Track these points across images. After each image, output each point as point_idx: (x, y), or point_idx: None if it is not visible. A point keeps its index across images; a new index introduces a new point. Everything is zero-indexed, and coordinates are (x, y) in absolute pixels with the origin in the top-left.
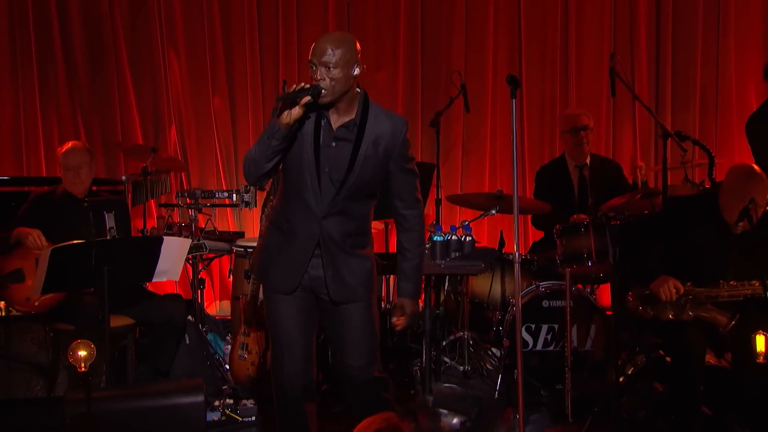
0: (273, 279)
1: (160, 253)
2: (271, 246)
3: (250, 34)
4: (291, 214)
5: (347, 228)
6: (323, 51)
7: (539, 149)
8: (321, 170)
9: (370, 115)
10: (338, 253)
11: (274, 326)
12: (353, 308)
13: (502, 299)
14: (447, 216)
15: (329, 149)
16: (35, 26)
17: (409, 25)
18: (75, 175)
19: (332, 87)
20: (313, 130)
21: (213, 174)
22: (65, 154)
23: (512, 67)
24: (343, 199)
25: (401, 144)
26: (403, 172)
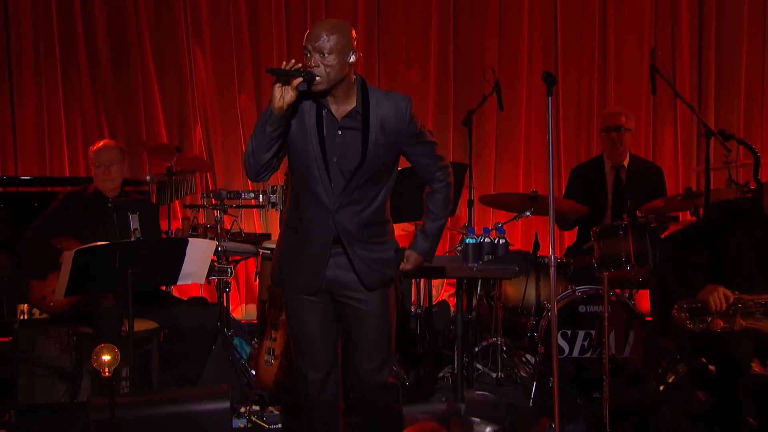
0: (293, 281)
1: (185, 255)
2: (288, 248)
3: (277, 30)
4: (303, 211)
5: (363, 217)
6: (317, 37)
7: (575, 149)
8: (328, 161)
9: (371, 100)
10: (357, 244)
11: (295, 331)
12: (369, 307)
13: (536, 304)
14: (480, 218)
15: (335, 138)
16: (59, 23)
17: (441, 20)
18: (105, 172)
19: (327, 74)
20: (316, 121)
21: (239, 174)
22: (97, 151)
23: (548, 64)
24: (354, 189)
25: (408, 123)
26: (419, 145)
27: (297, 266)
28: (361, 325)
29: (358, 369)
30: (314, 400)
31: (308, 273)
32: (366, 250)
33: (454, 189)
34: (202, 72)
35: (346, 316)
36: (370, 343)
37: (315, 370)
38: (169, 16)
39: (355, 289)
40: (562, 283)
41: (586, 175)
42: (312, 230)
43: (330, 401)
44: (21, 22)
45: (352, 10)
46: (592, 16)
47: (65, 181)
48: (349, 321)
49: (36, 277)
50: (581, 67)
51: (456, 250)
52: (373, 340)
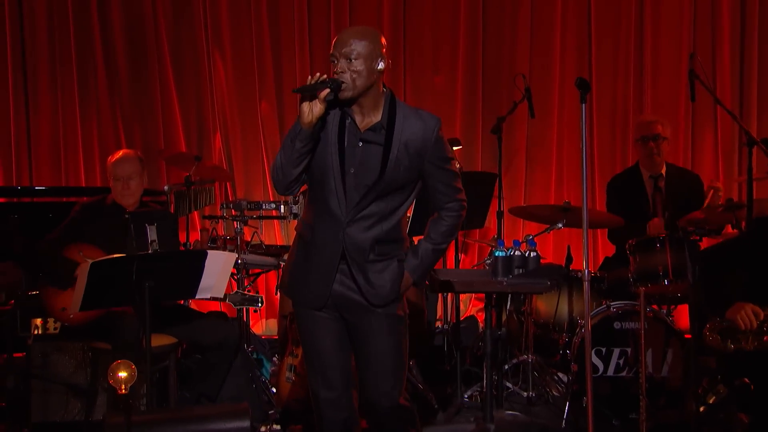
0: (301, 293)
1: (204, 268)
2: (297, 259)
3: (299, 34)
4: (315, 222)
5: (376, 233)
6: (345, 42)
7: (610, 158)
8: (346, 171)
9: (398, 116)
10: (361, 261)
11: (306, 347)
12: (376, 326)
13: (569, 320)
14: (509, 230)
15: (354, 150)
16: (75, 27)
17: (469, 24)
18: (124, 186)
19: (353, 81)
20: (338, 130)
21: (260, 184)
22: (115, 163)
23: (581, 69)
24: (368, 204)
25: (434, 143)
26: (440, 171)
27: (304, 279)
28: (369, 345)
29: (368, 390)
30: (327, 419)
31: (314, 287)
32: (369, 266)
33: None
34: (221, 77)
35: (354, 335)
36: (379, 364)
37: (327, 388)
38: (189, 19)
39: (361, 307)
40: (596, 299)
41: (624, 186)
42: (322, 243)
43: (344, 421)
44: (36, 26)
45: (376, 13)
46: (628, 19)
47: (81, 191)
48: (356, 340)
49: (56, 286)
50: (616, 72)
51: (485, 263)
52: (381, 361)
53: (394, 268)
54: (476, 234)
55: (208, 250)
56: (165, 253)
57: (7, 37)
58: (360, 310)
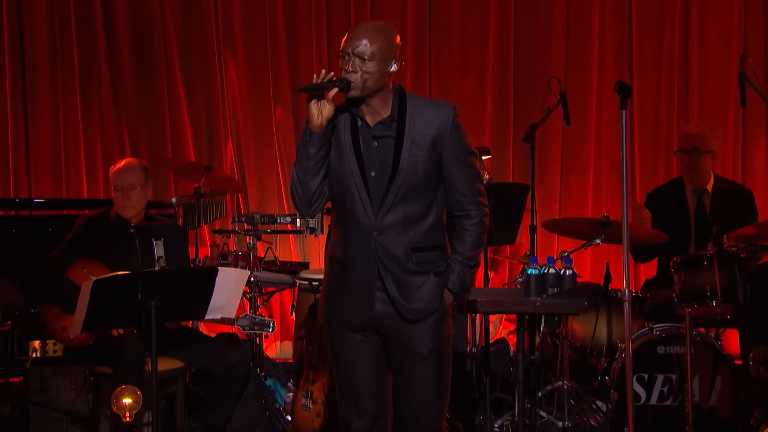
0: (339, 316)
1: (214, 286)
2: (332, 282)
3: (317, 35)
4: (345, 238)
5: (410, 239)
6: (359, 40)
7: (653, 168)
8: (366, 175)
9: (408, 106)
10: (399, 274)
11: (339, 373)
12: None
13: (608, 344)
14: (543, 245)
15: (370, 150)
16: (77, 27)
17: (500, 23)
18: (125, 198)
19: (363, 81)
20: (350, 133)
21: (274, 196)
22: (116, 173)
23: (621, 72)
24: (394, 205)
25: (451, 130)
26: (459, 164)
27: (343, 300)
28: (410, 366)
29: (407, 418)
30: None
31: (355, 305)
32: (407, 279)
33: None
34: (234, 82)
35: (394, 354)
36: (420, 387)
37: (360, 416)
38: (199, 20)
39: (399, 323)
40: (638, 321)
41: (665, 200)
42: (355, 258)
43: None
44: (36, 26)
45: (400, 11)
46: (673, 17)
47: (83, 203)
48: (396, 360)
49: (57, 305)
50: (659, 75)
51: (516, 281)
52: (423, 384)
53: (433, 282)
54: (507, 250)
55: (219, 267)
56: (173, 270)
57: (4, 37)
58: (399, 326)
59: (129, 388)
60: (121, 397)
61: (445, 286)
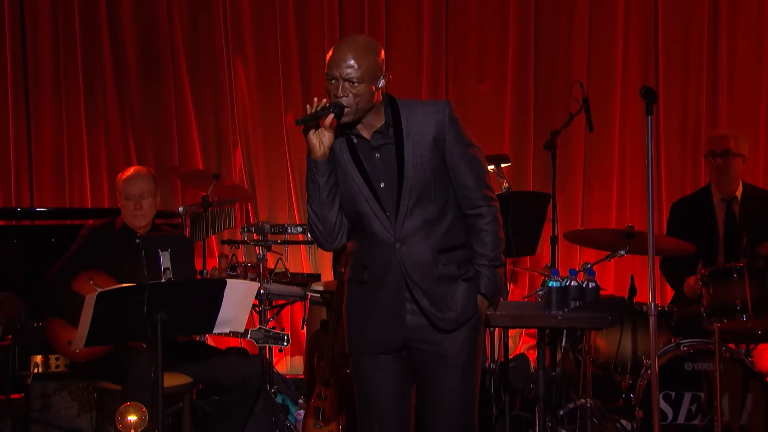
0: (369, 339)
1: (223, 299)
2: (356, 305)
3: (330, 37)
4: (367, 257)
5: (434, 242)
6: (344, 63)
7: (680, 177)
8: (376, 189)
9: (402, 109)
10: (428, 283)
11: (362, 391)
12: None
13: (633, 360)
14: (565, 257)
15: (374, 162)
16: (81, 30)
17: (519, 26)
18: (136, 206)
19: (356, 104)
20: (349, 151)
21: (285, 205)
22: (126, 180)
23: (647, 77)
24: (410, 210)
25: (449, 125)
26: (463, 158)
27: (372, 322)
28: (440, 377)
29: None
30: None
31: (387, 326)
32: (436, 287)
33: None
34: (243, 86)
35: (423, 367)
36: (450, 400)
37: None
38: (207, 22)
39: (432, 334)
40: (665, 336)
41: (692, 210)
42: (380, 274)
43: None
44: (39, 27)
45: (416, 13)
46: (700, 20)
47: (87, 212)
48: (425, 373)
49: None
50: (687, 80)
51: (537, 294)
52: (452, 396)
53: (464, 289)
54: (527, 261)
55: (228, 279)
56: (180, 282)
57: (6, 40)
58: (431, 337)
59: (134, 405)
60: (126, 414)
61: (479, 292)
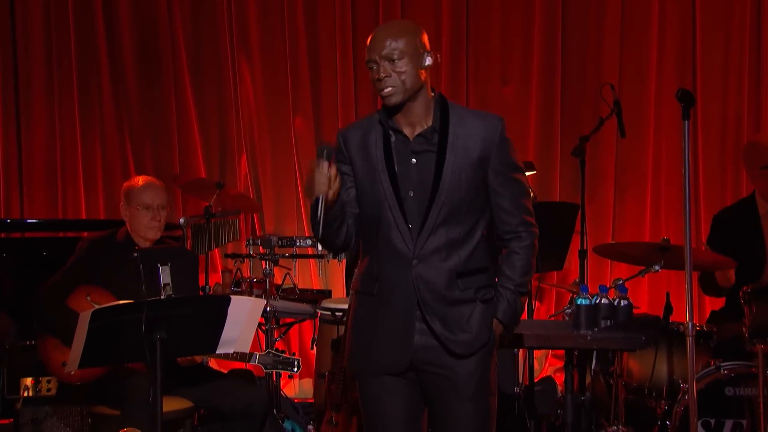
0: (374, 359)
1: (227, 317)
2: (363, 319)
3: (342, 37)
4: (379, 269)
5: (454, 264)
6: (381, 43)
7: (719, 186)
8: (403, 197)
9: (452, 116)
10: (443, 306)
11: (369, 416)
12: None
13: (669, 384)
14: (595, 272)
15: (409, 167)
16: (76, 29)
17: (546, 24)
18: (155, 217)
19: (402, 83)
20: (383, 148)
21: (293, 216)
22: (143, 189)
23: (683, 78)
24: (435, 227)
25: (499, 144)
26: (507, 182)
27: (378, 340)
28: (454, 404)
29: None
30: None
31: (393, 346)
32: (450, 310)
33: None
34: (249, 88)
35: (434, 392)
36: (465, 428)
37: None
38: (210, 20)
39: (443, 357)
40: (704, 358)
41: (735, 221)
42: (391, 290)
43: None
44: (30, 28)
45: (434, 10)
46: (742, 17)
47: (82, 224)
48: (437, 399)
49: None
50: (727, 81)
51: (564, 313)
52: (468, 425)
53: (480, 311)
54: (554, 277)
55: (232, 296)
56: (180, 298)
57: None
58: (442, 360)
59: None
60: None
61: (494, 316)
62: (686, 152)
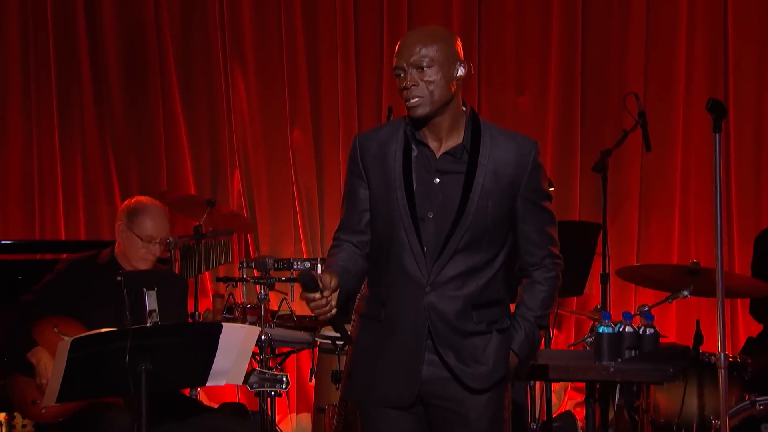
0: (379, 391)
1: (218, 346)
2: (368, 347)
3: (343, 42)
4: (388, 294)
5: (469, 295)
6: (411, 49)
7: (754, 204)
8: (420, 216)
9: (483, 135)
10: (456, 338)
11: None
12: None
13: (700, 420)
14: (618, 298)
15: (431, 187)
16: (55, 34)
17: (564, 29)
18: (154, 251)
19: (430, 93)
20: (402, 163)
21: (290, 237)
22: (152, 218)
23: (715, 87)
24: (454, 254)
25: (531, 171)
26: (535, 211)
27: (383, 370)
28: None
29: None
30: None
31: (400, 377)
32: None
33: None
34: (242, 98)
35: (441, 428)
36: None
37: None
38: (201, 24)
39: (455, 391)
40: (737, 392)
41: None
42: (400, 318)
43: None
44: (5, 34)
45: (443, 13)
46: None
47: (61, 246)
48: None
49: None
50: (761, 90)
51: (585, 342)
52: None
53: (497, 341)
54: (573, 303)
55: (224, 323)
56: (168, 326)
57: None
58: (453, 394)
59: None
60: None
61: (510, 348)
62: (717, 167)
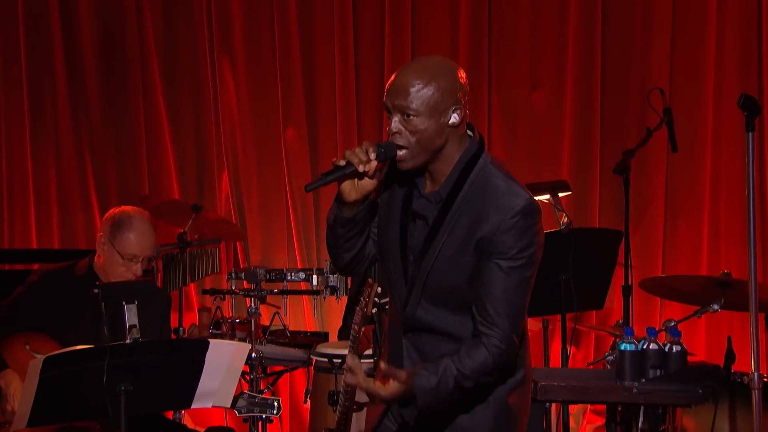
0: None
1: (204, 364)
2: None
3: (341, 33)
4: (389, 320)
5: (445, 352)
6: (400, 90)
7: None
8: (406, 258)
9: (470, 178)
10: None
11: None
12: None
13: None
14: (641, 312)
15: (415, 228)
16: (26, 28)
17: (582, 19)
18: (135, 270)
19: (416, 142)
20: (403, 198)
21: (283, 245)
22: (138, 234)
23: (747, 83)
24: (425, 305)
25: (503, 231)
26: (498, 271)
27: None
28: None
29: None
30: None
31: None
32: None
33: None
34: (231, 96)
35: None
36: None
37: None
38: (186, 15)
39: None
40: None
41: None
42: (389, 350)
43: None
44: None
45: (450, 5)
46: None
47: (33, 255)
48: None
49: None
50: None
51: (605, 360)
52: None
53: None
54: (592, 317)
55: (210, 340)
56: (149, 343)
57: None
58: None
59: None
60: None
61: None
62: (750, 169)
